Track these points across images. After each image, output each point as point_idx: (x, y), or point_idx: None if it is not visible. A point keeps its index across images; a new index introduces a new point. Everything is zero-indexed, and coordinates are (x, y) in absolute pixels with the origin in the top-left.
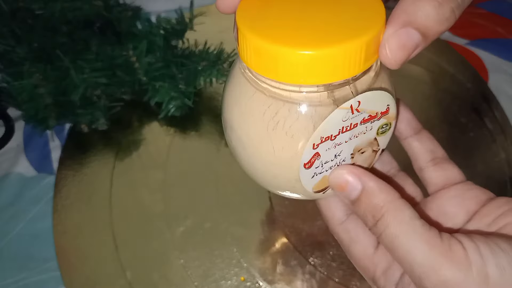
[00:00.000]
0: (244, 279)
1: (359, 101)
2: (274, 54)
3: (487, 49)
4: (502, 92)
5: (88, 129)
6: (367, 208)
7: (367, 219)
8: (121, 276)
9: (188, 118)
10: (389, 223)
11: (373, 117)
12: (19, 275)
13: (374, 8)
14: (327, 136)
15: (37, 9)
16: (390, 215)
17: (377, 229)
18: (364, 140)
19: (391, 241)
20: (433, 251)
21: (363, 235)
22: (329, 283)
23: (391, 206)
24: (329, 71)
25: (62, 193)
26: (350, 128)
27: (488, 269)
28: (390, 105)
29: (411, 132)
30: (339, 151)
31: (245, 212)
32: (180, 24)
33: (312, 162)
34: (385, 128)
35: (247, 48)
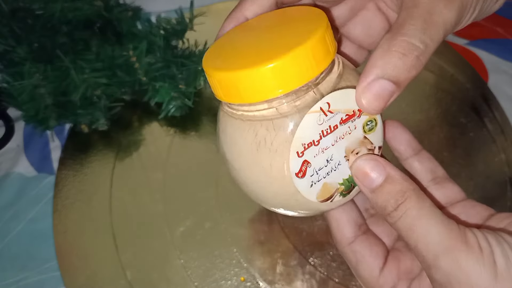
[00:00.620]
0: (244, 279)
1: (328, 102)
2: (233, 79)
3: (487, 49)
4: (502, 92)
5: (88, 129)
6: (390, 193)
7: (388, 204)
8: (121, 276)
9: (188, 118)
10: (411, 206)
11: (351, 115)
12: (19, 275)
13: (316, 18)
14: (309, 142)
15: (37, 9)
16: (413, 200)
17: (397, 212)
18: (353, 140)
19: (411, 221)
20: (450, 234)
21: (369, 256)
22: (329, 283)
23: (414, 193)
24: (286, 80)
25: (62, 193)
26: (331, 131)
27: (496, 257)
28: None
29: (411, 152)
30: (329, 156)
31: (245, 212)
32: (180, 24)
33: (304, 170)
34: (370, 124)
35: (214, 84)
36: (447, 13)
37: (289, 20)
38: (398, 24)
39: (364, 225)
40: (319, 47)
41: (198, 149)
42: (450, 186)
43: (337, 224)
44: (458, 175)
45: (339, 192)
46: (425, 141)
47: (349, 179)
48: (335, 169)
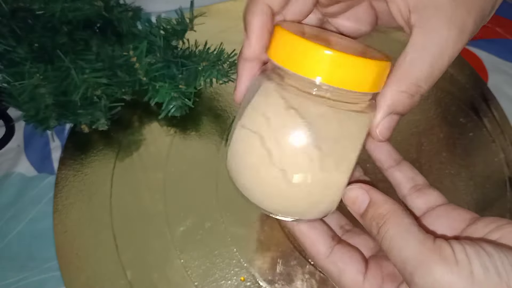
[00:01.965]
0: (244, 279)
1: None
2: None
3: (486, 49)
4: (502, 92)
5: (89, 129)
6: (373, 217)
7: (372, 228)
8: (121, 276)
9: (188, 118)
10: (389, 228)
11: None
12: (20, 275)
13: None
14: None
15: (37, 9)
16: (391, 221)
17: (379, 235)
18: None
19: (389, 242)
20: (424, 248)
21: (351, 263)
22: (328, 283)
23: (393, 214)
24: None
25: (63, 193)
26: None
27: (473, 268)
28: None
29: (392, 163)
30: None
31: (245, 212)
32: (180, 25)
33: None
34: None
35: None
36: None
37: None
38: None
39: (337, 236)
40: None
41: (198, 149)
42: (431, 192)
43: (309, 240)
44: (458, 175)
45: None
46: (424, 141)
47: None
48: None
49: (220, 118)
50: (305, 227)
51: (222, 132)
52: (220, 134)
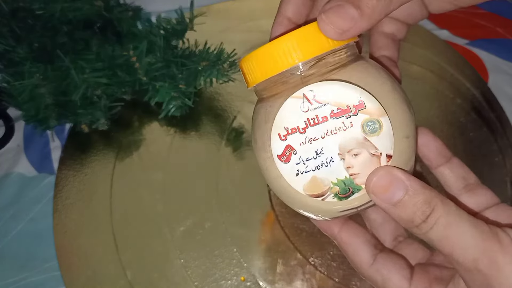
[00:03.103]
0: (244, 279)
1: (312, 90)
2: (249, 60)
3: (487, 49)
4: (502, 92)
5: (89, 129)
6: (416, 205)
7: (415, 217)
8: (121, 276)
9: (188, 118)
10: (441, 215)
11: (345, 110)
12: (20, 275)
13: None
14: (293, 127)
15: (37, 9)
16: (440, 208)
17: (427, 224)
18: (349, 139)
19: (443, 230)
20: (483, 236)
21: (395, 270)
22: (329, 283)
23: (439, 200)
24: (276, 61)
25: (63, 193)
26: (319, 121)
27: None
28: (363, 98)
29: (442, 160)
30: (319, 148)
31: (245, 212)
32: (180, 24)
33: (287, 155)
34: (372, 126)
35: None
36: None
37: None
38: None
39: (379, 244)
40: (309, 35)
41: (198, 149)
42: (483, 192)
43: (352, 249)
44: None
45: (332, 192)
46: None
47: (345, 181)
48: (326, 164)
49: (220, 118)
50: (347, 236)
51: (222, 132)
52: (220, 134)
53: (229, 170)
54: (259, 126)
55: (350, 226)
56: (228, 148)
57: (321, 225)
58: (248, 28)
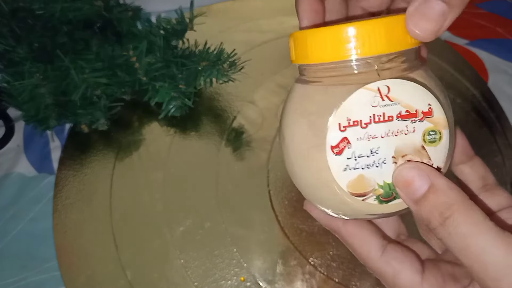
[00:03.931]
0: (244, 279)
1: (388, 86)
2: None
3: (487, 49)
4: (502, 92)
5: (89, 129)
6: (435, 206)
7: (432, 218)
8: (121, 276)
9: (188, 118)
10: (460, 222)
11: (413, 115)
12: (19, 275)
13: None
14: (355, 120)
15: (37, 9)
16: (462, 214)
17: (444, 228)
18: (408, 144)
19: (462, 240)
20: (506, 250)
21: (406, 262)
22: (329, 283)
23: (462, 205)
24: (357, 47)
25: (62, 193)
26: (384, 119)
27: None
28: (433, 106)
29: (465, 159)
30: (375, 147)
31: (245, 212)
32: (180, 24)
33: (341, 148)
34: (433, 136)
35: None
36: None
37: None
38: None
39: (388, 236)
40: (397, 27)
41: (198, 149)
42: (501, 193)
43: (359, 240)
44: None
45: (375, 194)
46: None
47: (391, 185)
48: (377, 165)
49: (220, 118)
50: (353, 227)
51: (222, 132)
52: (220, 134)
53: (229, 170)
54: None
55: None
56: (228, 148)
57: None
58: (248, 28)
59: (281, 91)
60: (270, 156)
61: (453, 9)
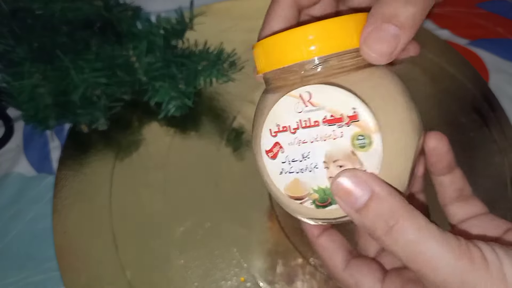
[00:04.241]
0: (244, 280)
1: (310, 92)
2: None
3: (487, 49)
4: (503, 92)
5: (88, 129)
6: (379, 214)
7: (377, 227)
8: (121, 276)
9: (188, 118)
10: (406, 229)
11: (338, 119)
12: (19, 275)
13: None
14: (284, 126)
15: (37, 9)
16: (407, 220)
17: (390, 236)
18: (338, 149)
19: (409, 247)
20: (454, 254)
21: (367, 273)
22: (329, 283)
23: (405, 211)
24: (280, 56)
25: (62, 193)
26: (311, 125)
27: (505, 269)
28: (358, 110)
29: (445, 171)
30: (306, 152)
31: (245, 212)
32: (180, 24)
33: (275, 152)
34: (362, 140)
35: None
36: None
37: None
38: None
39: (355, 251)
40: (320, 34)
41: (198, 149)
42: (474, 202)
43: (327, 253)
44: None
45: (311, 198)
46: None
47: (325, 191)
48: (310, 170)
49: (220, 118)
50: (324, 240)
51: (222, 132)
52: (220, 134)
53: (229, 170)
54: (256, 116)
55: (330, 232)
56: (228, 148)
57: (305, 225)
58: (248, 28)
59: None
60: None
61: (405, 32)
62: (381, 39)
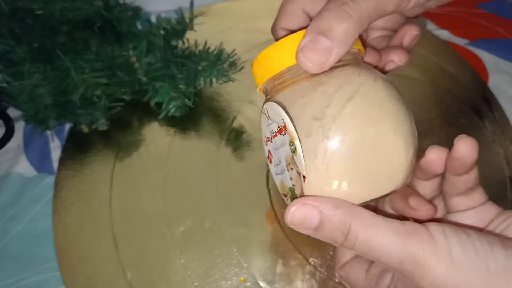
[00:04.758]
0: (244, 279)
1: (267, 109)
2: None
3: (487, 49)
4: (502, 92)
5: (88, 129)
6: (333, 228)
7: (336, 237)
8: (121, 276)
9: (188, 118)
10: (356, 232)
11: (280, 130)
12: (19, 275)
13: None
14: (267, 136)
15: (37, 9)
16: (356, 223)
17: (348, 241)
18: (287, 154)
19: (365, 245)
20: (400, 237)
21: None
22: (329, 283)
23: (353, 216)
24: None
25: (62, 193)
26: (274, 135)
27: (451, 246)
28: (285, 121)
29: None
30: (278, 157)
31: (245, 212)
32: (180, 24)
33: (269, 157)
34: (292, 146)
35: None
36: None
37: None
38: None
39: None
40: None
41: (198, 149)
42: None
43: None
44: None
45: (289, 197)
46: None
47: (291, 190)
48: (283, 171)
49: (220, 118)
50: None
51: (222, 132)
52: (220, 134)
53: (229, 170)
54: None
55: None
56: (228, 148)
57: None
58: (248, 28)
59: None
60: None
61: (338, 45)
62: (315, 50)
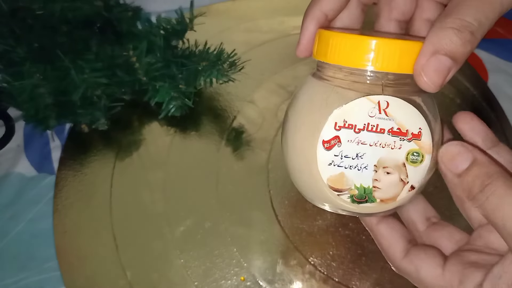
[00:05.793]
0: (244, 279)
1: (388, 102)
2: (341, 42)
3: (487, 49)
4: (502, 92)
5: (89, 129)
6: (477, 176)
7: (474, 186)
8: (121, 276)
9: (188, 118)
10: (497, 187)
11: (403, 133)
12: (19, 275)
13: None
14: (351, 123)
15: (37, 9)
16: (500, 181)
17: (483, 194)
18: (391, 158)
19: (497, 202)
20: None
21: (427, 258)
22: (329, 282)
23: (501, 175)
24: (374, 59)
25: (62, 193)
26: (376, 130)
27: None
28: (423, 131)
29: (490, 145)
30: (361, 152)
31: (245, 212)
32: (180, 24)
33: (331, 145)
34: (416, 157)
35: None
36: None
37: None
38: (453, 4)
39: (414, 240)
40: (410, 52)
41: (198, 149)
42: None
43: (387, 241)
44: None
45: (350, 193)
46: None
47: (366, 190)
48: (359, 169)
49: (220, 118)
50: (384, 228)
51: (222, 132)
52: (220, 134)
53: (229, 170)
54: (313, 102)
55: (389, 220)
56: (228, 148)
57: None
58: (248, 28)
59: (281, 91)
60: (270, 156)
61: (457, 65)
62: (437, 70)
